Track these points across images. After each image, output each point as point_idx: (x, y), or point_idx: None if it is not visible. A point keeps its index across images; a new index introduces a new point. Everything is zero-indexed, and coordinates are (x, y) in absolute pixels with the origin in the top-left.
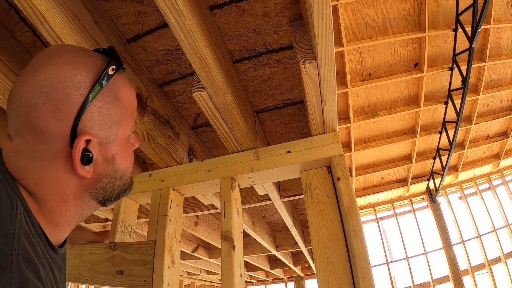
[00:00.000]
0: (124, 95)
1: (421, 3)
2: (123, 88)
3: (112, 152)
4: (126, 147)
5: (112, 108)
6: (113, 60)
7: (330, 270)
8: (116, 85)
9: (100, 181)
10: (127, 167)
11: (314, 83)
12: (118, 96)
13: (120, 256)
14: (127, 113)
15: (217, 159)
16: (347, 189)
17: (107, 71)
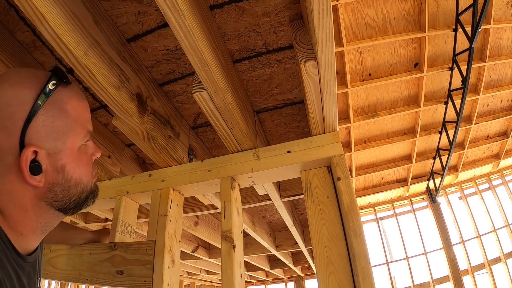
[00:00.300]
0: (70, 107)
1: (421, 3)
2: (70, 101)
3: (62, 161)
4: (78, 157)
5: (57, 120)
6: (53, 76)
7: (330, 270)
8: (61, 99)
9: (52, 190)
10: (81, 176)
11: (314, 83)
12: (63, 109)
13: (120, 256)
14: (75, 124)
15: (217, 159)
16: (347, 189)
17: (47, 86)
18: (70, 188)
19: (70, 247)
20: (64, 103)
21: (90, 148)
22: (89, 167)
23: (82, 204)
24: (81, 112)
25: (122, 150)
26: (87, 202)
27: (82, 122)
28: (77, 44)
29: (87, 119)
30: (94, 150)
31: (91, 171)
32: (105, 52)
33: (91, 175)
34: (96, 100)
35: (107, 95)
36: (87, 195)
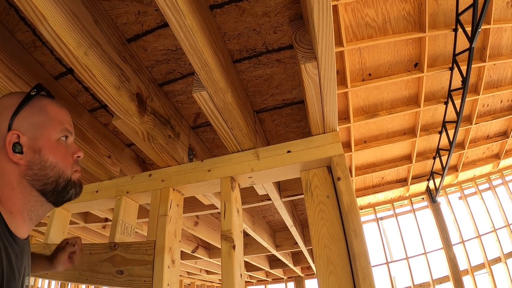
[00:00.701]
0: (49, 109)
1: (421, 3)
2: (49, 105)
3: (39, 146)
4: (55, 146)
5: (37, 116)
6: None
7: (330, 270)
8: (42, 103)
9: (31, 168)
10: (57, 161)
11: (315, 83)
12: (43, 109)
13: (120, 256)
14: (53, 120)
15: (217, 159)
16: (348, 189)
17: (30, 93)
18: (47, 169)
19: None
20: (44, 106)
21: (71, 147)
22: (67, 158)
23: (62, 192)
24: (60, 114)
25: (122, 150)
26: (67, 191)
27: (60, 120)
28: (77, 44)
29: (65, 120)
30: (75, 149)
31: (70, 163)
32: (105, 52)
33: (70, 166)
34: (96, 100)
35: (107, 95)
36: (65, 184)
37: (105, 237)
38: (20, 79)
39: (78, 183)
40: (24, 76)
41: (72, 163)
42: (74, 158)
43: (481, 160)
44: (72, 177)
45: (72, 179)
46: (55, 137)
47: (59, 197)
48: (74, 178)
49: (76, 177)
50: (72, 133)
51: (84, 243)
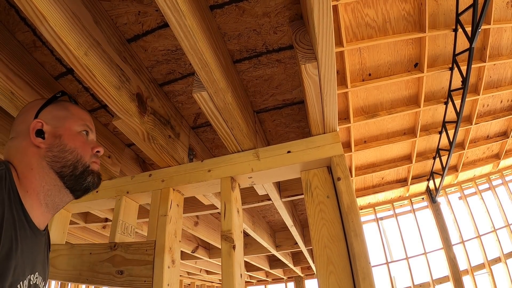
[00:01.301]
0: (71, 107)
1: (421, 3)
2: (71, 106)
3: (59, 132)
4: (76, 136)
5: (60, 111)
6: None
7: (330, 270)
8: (65, 104)
9: (51, 149)
10: (76, 147)
11: (315, 83)
12: (65, 107)
13: (120, 256)
14: (73, 116)
15: (217, 159)
16: (348, 189)
17: (55, 95)
18: (66, 152)
19: (70, 247)
20: (67, 105)
21: (91, 142)
22: (86, 148)
23: (79, 177)
24: (81, 113)
25: (122, 150)
26: (84, 178)
27: (80, 117)
28: (78, 44)
29: (87, 118)
30: (96, 144)
31: (89, 153)
32: (105, 52)
33: (89, 155)
34: (96, 100)
35: (107, 95)
36: (83, 169)
37: (105, 237)
38: (20, 79)
39: (97, 173)
40: (24, 76)
41: (92, 154)
42: (93, 152)
43: (481, 160)
44: (91, 166)
45: (90, 167)
46: (76, 129)
47: (77, 184)
48: (93, 167)
49: (95, 167)
50: (93, 131)
51: (84, 243)
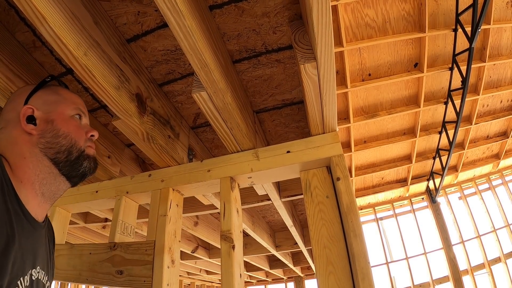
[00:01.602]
0: (62, 92)
1: (421, 3)
2: (62, 90)
3: (52, 118)
4: (68, 120)
5: (50, 96)
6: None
7: (329, 270)
8: (56, 88)
9: (44, 136)
10: (70, 131)
11: (314, 83)
12: (56, 92)
13: (120, 256)
14: (65, 100)
15: (216, 159)
16: (347, 189)
17: (44, 79)
18: (59, 137)
19: (70, 247)
20: (58, 89)
21: (85, 126)
22: (80, 132)
23: (75, 163)
24: (72, 97)
25: (122, 150)
26: (80, 163)
27: (72, 101)
28: (77, 45)
29: (78, 101)
30: (89, 129)
31: (83, 137)
32: (105, 52)
33: (83, 139)
34: (96, 100)
35: (107, 96)
36: (78, 154)
37: (105, 237)
38: (20, 80)
39: (93, 157)
40: (24, 77)
41: (87, 138)
42: (88, 136)
43: (481, 160)
44: (86, 150)
45: (85, 151)
46: (68, 113)
47: (73, 169)
48: (88, 152)
49: (91, 151)
50: (86, 115)
51: (84, 243)
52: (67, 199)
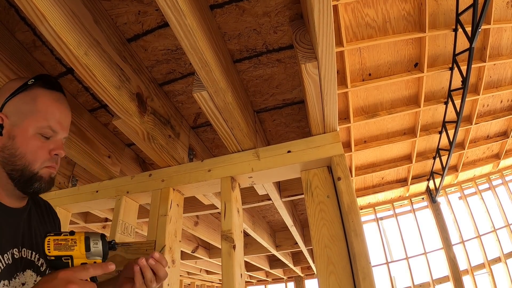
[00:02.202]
0: (41, 101)
1: (421, 3)
2: (43, 98)
3: (14, 133)
4: (30, 139)
5: (25, 105)
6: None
7: (330, 270)
8: (36, 94)
9: (3, 150)
10: (26, 153)
11: (315, 83)
12: (34, 100)
13: (120, 256)
14: (37, 113)
15: (217, 159)
16: (348, 189)
17: (26, 82)
18: (15, 157)
19: None
20: (37, 96)
21: (53, 143)
22: (40, 153)
23: (26, 183)
24: (50, 110)
25: (122, 150)
26: (31, 183)
27: (45, 117)
28: (78, 44)
29: (54, 116)
30: (56, 146)
31: (42, 158)
32: (105, 51)
33: (40, 161)
34: (96, 100)
35: (107, 95)
36: (30, 175)
37: None
38: None
39: (47, 178)
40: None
41: (46, 159)
42: (51, 155)
43: (481, 160)
44: (40, 172)
45: (39, 173)
46: (33, 130)
47: (25, 187)
48: (42, 173)
49: (46, 172)
50: (58, 131)
51: None
52: (67, 199)
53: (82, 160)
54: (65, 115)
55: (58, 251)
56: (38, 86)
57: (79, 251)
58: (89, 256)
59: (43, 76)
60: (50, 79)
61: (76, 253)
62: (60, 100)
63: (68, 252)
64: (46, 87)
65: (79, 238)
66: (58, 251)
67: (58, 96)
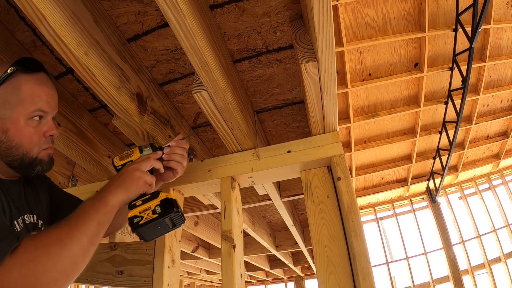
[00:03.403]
0: (25, 88)
1: (421, 3)
2: (26, 83)
3: (7, 126)
4: (23, 127)
5: (10, 95)
6: (15, 63)
7: (330, 270)
8: (18, 81)
9: None
10: (22, 143)
11: (315, 83)
12: (17, 88)
13: (120, 256)
14: (25, 100)
15: (217, 159)
16: (348, 189)
17: (7, 71)
18: (12, 149)
19: None
20: (20, 84)
21: (44, 125)
22: (35, 138)
23: (28, 167)
24: (35, 93)
25: (122, 150)
26: (33, 168)
27: (33, 101)
28: (77, 44)
29: (41, 98)
30: (48, 128)
31: (38, 142)
32: (105, 52)
33: (37, 145)
34: (96, 100)
35: (107, 95)
36: (30, 161)
37: None
38: None
39: (46, 160)
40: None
41: (42, 142)
42: (46, 137)
43: (481, 160)
44: (39, 156)
45: (38, 157)
46: (24, 118)
47: (27, 172)
48: (41, 156)
49: (45, 154)
50: (49, 111)
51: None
52: None
53: (82, 160)
54: (51, 94)
55: (122, 160)
56: (19, 73)
57: (135, 156)
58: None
59: (21, 60)
60: (29, 62)
61: (134, 158)
62: (43, 81)
63: (129, 159)
64: (27, 72)
65: (134, 148)
66: (122, 161)
67: (40, 77)
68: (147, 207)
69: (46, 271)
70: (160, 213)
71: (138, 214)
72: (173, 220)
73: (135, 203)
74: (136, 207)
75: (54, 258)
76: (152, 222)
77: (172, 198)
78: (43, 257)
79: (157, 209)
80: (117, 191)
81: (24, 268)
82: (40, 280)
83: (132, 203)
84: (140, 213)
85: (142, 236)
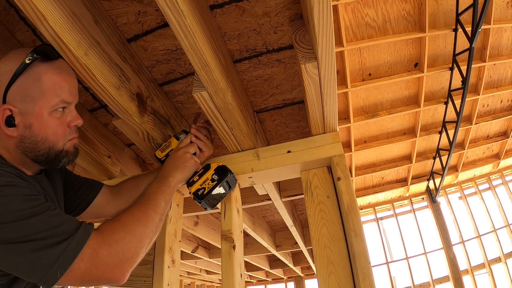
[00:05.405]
0: (45, 78)
1: (421, 3)
2: (46, 73)
3: (30, 121)
4: (47, 120)
5: (31, 88)
6: (32, 52)
7: (330, 270)
8: (38, 71)
9: (22, 141)
10: (47, 135)
11: (315, 83)
12: (38, 79)
13: None
14: (47, 91)
15: (217, 159)
16: (348, 189)
17: (25, 60)
18: (37, 143)
19: None
20: (40, 74)
21: (68, 116)
22: (60, 130)
23: (54, 160)
24: (57, 83)
25: (122, 150)
26: (59, 160)
27: (55, 92)
28: (77, 44)
29: (64, 88)
30: (72, 118)
31: (63, 134)
32: (105, 52)
33: (62, 137)
34: (96, 100)
35: (107, 95)
36: (57, 154)
37: None
38: None
39: (72, 151)
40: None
41: (67, 133)
42: (70, 127)
43: (481, 160)
44: (65, 147)
45: (64, 149)
46: (48, 111)
47: (53, 165)
48: (67, 147)
49: (71, 145)
50: (72, 101)
51: None
52: None
53: (82, 160)
54: (73, 83)
55: (164, 152)
56: (37, 62)
57: (174, 144)
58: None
59: (38, 49)
60: (46, 50)
61: (173, 146)
62: (64, 68)
63: (170, 148)
64: (45, 60)
65: (170, 139)
66: (164, 152)
67: (60, 65)
68: (205, 178)
69: (132, 247)
70: (218, 178)
71: (200, 186)
72: (229, 182)
73: (193, 180)
74: (195, 182)
75: (138, 235)
76: (214, 188)
77: (222, 164)
78: (129, 235)
79: (214, 177)
80: (176, 173)
81: (112, 246)
82: (126, 255)
83: (190, 181)
84: (201, 185)
85: (208, 204)
